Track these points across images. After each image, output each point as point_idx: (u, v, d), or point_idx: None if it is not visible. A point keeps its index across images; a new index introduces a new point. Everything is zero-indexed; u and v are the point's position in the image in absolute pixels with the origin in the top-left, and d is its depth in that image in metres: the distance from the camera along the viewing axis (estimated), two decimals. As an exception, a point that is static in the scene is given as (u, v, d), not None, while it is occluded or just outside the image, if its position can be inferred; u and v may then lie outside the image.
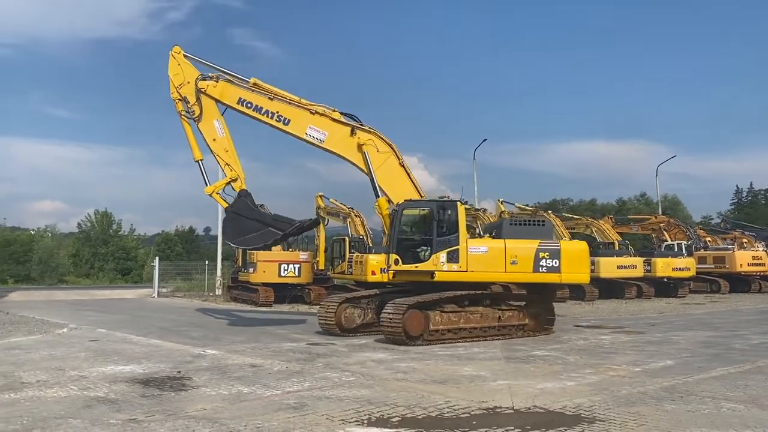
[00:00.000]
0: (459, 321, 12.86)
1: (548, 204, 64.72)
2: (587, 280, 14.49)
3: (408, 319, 12.03)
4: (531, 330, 13.87)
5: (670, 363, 9.91)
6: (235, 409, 6.71)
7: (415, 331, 12.12)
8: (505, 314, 13.60)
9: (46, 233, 56.18)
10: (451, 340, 12.57)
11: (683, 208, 70.61)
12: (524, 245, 13.43)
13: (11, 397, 7.28)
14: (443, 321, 12.65)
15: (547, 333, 13.93)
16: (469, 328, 12.95)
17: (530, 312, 14.01)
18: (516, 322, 13.76)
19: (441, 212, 13.24)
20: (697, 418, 6.30)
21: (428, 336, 12.31)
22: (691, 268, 29.91)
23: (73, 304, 24.56)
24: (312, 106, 14.14)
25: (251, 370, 9.22)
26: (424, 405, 6.88)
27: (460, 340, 12.66)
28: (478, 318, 13.12)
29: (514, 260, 13.22)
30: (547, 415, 6.50)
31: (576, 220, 35.76)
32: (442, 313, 12.66)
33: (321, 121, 14.04)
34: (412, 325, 12.08)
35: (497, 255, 13.24)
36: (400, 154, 13.67)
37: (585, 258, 13.87)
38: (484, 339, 12.94)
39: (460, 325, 12.84)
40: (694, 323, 16.95)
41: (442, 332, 12.59)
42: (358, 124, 14.09)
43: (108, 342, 12.55)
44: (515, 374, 8.93)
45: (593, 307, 23.58)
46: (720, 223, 49.94)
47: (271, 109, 14.17)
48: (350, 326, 13.68)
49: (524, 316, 13.93)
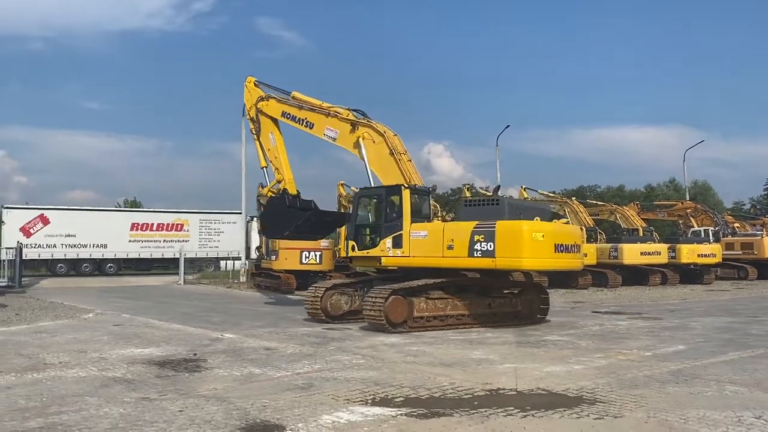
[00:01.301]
0: (446, 308, 12.49)
1: (575, 191, 64.24)
2: (523, 266, 12.27)
3: (390, 305, 11.75)
4: (524, 318, 13.47)
5: (682, 348, 9.90)
6: (245, 389, 6.93)
7: (397, 318, 11.84)
8: (496, 301, 13.22)
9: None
10: (437, 327, 12.25)
11: (713, 194, 69.47)
12: (460, 228, 12.39)
13: (34, 377, 7.61)
14: (428, 308, 12.29)
15: (540, 321, 13.57)
16: (456, 315, 12.59)
17: (524, 299, 13.63)
18: (508, 310, 13.35)
19: (388, 198, 13.42)
20: (697, 400, 6.35)
21: (412, 323, 12.04)
22: (717, 254, 29.50)
23: (102, 291, 25.21)
24: (328, 108, 15.41)
25: (265, 353, 9.46)
26: (429, 386, 7.02)
27: (447, 327, 12.32)
28: (467, 305, 12.73)
29: (450, 244, 12.27)
30: (548, 396, 6.59)
31: (600, 206, 35.50)
32: (428, 300, 12.32)
33: (333, 122, 15.22)
34: (394, 312, 11.80)
35: (435, 239, 12.51)
36: (394, 142, 14.04)
37: (519, 239, 11.70)
38: (473, 327, 12.53)
39: (447, 312, 12.49)
40: (714, 309, 16.80)
41: (428, 319, 12.26)
42: (362, 118, 14.74)
43: (131, 326, 12.93)
44: (523, 358, 9.02)
45: (615, 294, 23.46)
46: (750, 209, 49.02)
47: (300, 116, 16.00)
48: (337, 313, 13.53)
49: (517, 303, 13.51)
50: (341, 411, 5.91)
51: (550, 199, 33.55)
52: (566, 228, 13.46)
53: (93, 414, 5.78)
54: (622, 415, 5.74)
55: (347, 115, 14.91)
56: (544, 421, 5.60)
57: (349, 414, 5.81)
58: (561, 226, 13.30)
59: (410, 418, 5.70)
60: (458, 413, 5.84)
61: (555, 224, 12.94)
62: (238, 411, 5.89)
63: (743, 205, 63.67)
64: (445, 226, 12.92)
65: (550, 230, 12.29)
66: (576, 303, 19.28)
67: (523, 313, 13.51)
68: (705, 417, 5.65)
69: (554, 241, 12.11)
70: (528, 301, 13.67)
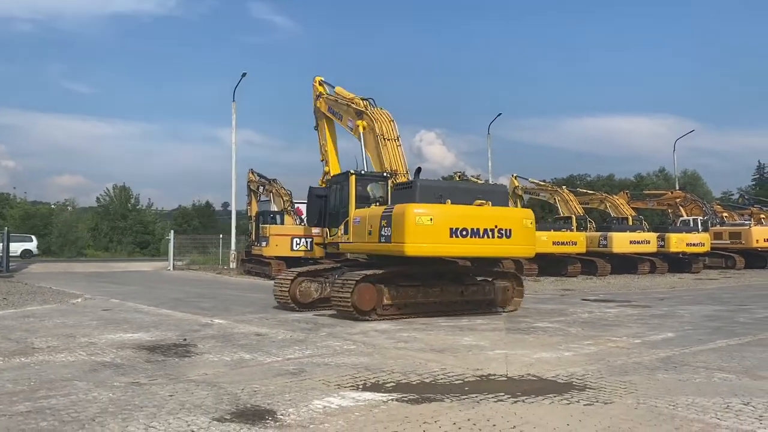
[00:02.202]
0: (416, 295, 12.23)
1: (565, 179, 64.40)
2: (406, 251, 11.28)
3: (358, 293, 11.47)
4: (498, 305, 13.30)
5: (671, 335, 9.96)
6: (235, 374, 6.91)
7: (366, 305, 11.57)
8: (469, 289, 12.98)
9: (66, 207, 57.11)
10: (408, 315, 12.03)
11: (703, 184, 69.92)
12: (375, 213, 12.17)
13: (21, 361, 7.55)
14: (399, 295, 12.03)
15: (514, 309, 13.38)
16: (428, 303, 12.35)
17: (497, 287, 13.35)
18: (481, 297, 13.10)
19: (345, 185, 13.61)
20: (686, 386, 6.38)
21: (381, 311, 11.80)
22: (705, 243, 29.73)
23: (90, 276, 25.08)
24: (351, 99, 16.22)
25: (256, 338, 9.44)
26: (420, 372, 7.02)
27: (418, 315, 12.10)
28: (438, 292, 12.47)
29: (370, 230, 12.14)
30: (539, 382, 6.61)
31: (590, 195, 35.64)
32: (398, 287, 12.05)
33: (351, 112, 15.84)
34: (362, 300, 11.52)
35: (363, 224, 12.51)
36: (382, 128, 14.46)
37: (402, 223, 11.15)
38: (445, 315, 12.32)
39: (418, 300, 12.24)
40: (702, 297, 16.94)
41: (398, 307, 12.03)
42: (366, 107, 15.20)
43: (120, 311, 12.86)
44: (514, 344, 9.05)
45: (604, 282, 23.61)
46: (738, 199, 49.38)
47: (336, 110, 17.12)
48: (306, 301, 13.24)
49: (490, 291, 13.23)
50: (332, 396, 5.90)
51: (541, 187, 33.64)
52: (476, 211, 11.78)
53: (82, 398, 5.73)
54: (611, 402, 5.76)
55: (357, 105, 15.45)
56: (535, 406, 5.62)
57: (340, 399, 5.79)
58: (465, 208, 11.74)
59: (401, 403, 5.69)
60: (449, 399, 5.84)
61: (453, 207, 11.63)
62: (229, 396, 5.86)
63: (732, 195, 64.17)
64: (368, 212, 12.66)
65: (441, 213, 11.43)
66: (566, 291, 19.37)
67: (497, 301, 13.30)
68: (694, 403, 5.68)
69: (449, 225, 11.33)
70: (502, 289, 13.39)
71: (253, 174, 29.57)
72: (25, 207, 54.36)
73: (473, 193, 12.15)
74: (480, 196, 12.05)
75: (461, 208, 11.74)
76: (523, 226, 11.97)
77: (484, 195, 12.11)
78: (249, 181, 29.76)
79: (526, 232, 12.02)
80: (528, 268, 25.77)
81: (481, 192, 12.37)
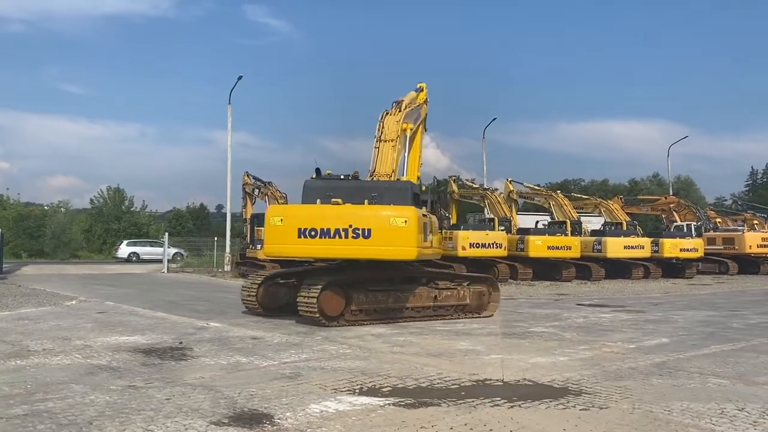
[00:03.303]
0: (387, 300, 11.84)
1: (559, 184, 64.57)
2: (264, 253, 12.18)
3: (324, 298, 11.07)
4: (472, 311, 12.95)
5: (665, 341, 10.01)
6: (232, 377, 6.91)
7: (333, 311, 11.19)
8: (442, 293, 12.58)
9: (60, 208, 56.77)
10: (378, 320, 11.64)
11: (696, 189, 70.27)
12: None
13: (17, 363, 7.54)
14: (368, 300, 11.62)
15: (489, 314, 13.04)
16: (399, 308, 12.00)
17: (473, 291, 13.00)
18: (455, 302, 12.75)
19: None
20: (681, 392, 6.43)
21: (350, 316, 11.41)
22: (699, 248, 29.85)
23: (84, 278, 24.99)
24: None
25: (251, 342, 9.44)
26: (416, 376, 7.05)
27: (389, 321, 11.74)
28: (410, 297, 12.12)
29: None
30: (534, 387, 6.65)
31: (585, 200, 35.71)
32: (368, 292, 11.63)
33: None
34: (329, 305, 11.14)
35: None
36: (381, 126, 14.02)
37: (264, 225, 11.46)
38: (417, 320, 12.07)
39: (389, 305, 11.87)
40: (696, 303, 17.01)
41: (367, 312, 11.64)
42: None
43: (115, 314, 12.83)
44: (509, 349, 9.08)
45: (598, 286, 23.66)
46: (731, 205, 49.63)
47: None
48: (274, 306, 12.82)
49: (465, 296, 12.85)
50: (329, 400, 5.91)
51: (536, 192, 33.68)
52: (329, 210, 11.27)
53: (79, 401, 5.73)
54: (607, 406, 5.80)
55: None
56: (531, 411, 5.65)
57: (336, 403, 5.81)
58: (316, 208, 11.42)
59: (398, 407, 5.72)
60: (446, 403, 5.87)
61: (303, 206, 11.63)
62: (226, 400, 5.87)
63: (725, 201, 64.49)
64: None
65: (291, 214, 11.51)
66: (560, 295, 19.42)
67: (472, 306, 12.97)
68: (689, 408, 5.72)
69: (297, 226, 11.14)
70: (477, 294, 13.07)
71: (248, 177, 29.56)
72: (18, 208, 54.07)
73: (367, 191, 11.54)
74: (374, 194, 11.44)
75: (312, 208, 11.43)
76: (389, 226, 10.83)
77: (380, 192, 11.53)
78: (244, 183, 29.75)
79: (394, 232, 10.80)
80: (522, 272, 25.84)
81: (376, 189, 11.71)
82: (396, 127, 13.91)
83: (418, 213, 11.16)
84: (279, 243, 11.34)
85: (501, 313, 14.03)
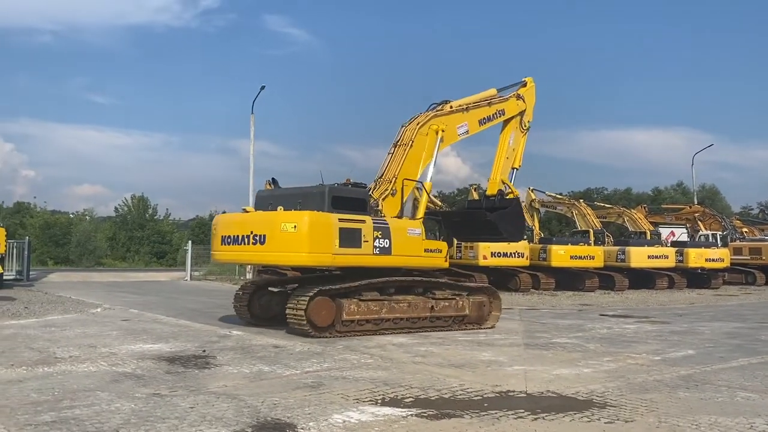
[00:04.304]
0: (381, 311, 11.47)
1: (582, 193, 64.01)
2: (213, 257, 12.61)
3: (314, 308, 10.71)
4: (472, 322, 12.61)
5: (691, 353, 9.87)
6: (255, 386, 6.95)
7: (323, 321, 10.83)
8: (440, 304, 12.20)
9: (85, 217, 57.63)
10: (371, 331, 11.33)
11: (722, 198, 69.08)
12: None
13: (45, 370, 7.65)
14: (360, 310, 11.25)
15: (490, 326, 12.69)
16: (393, 319, 11.63)
17: (473, 302, 12.64)
18: (453, 313, 12.39)
19: None
20: (708, 405, 6.32)
21: (341, 327, 11.06)
22: (725, 258, 29.42)
23: (109, 286, 25.30)
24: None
25: (274, 350, 9.48)
26: (438, 387, 7.02)
27: (382, 331, 11.44)
28: (405, 308, 11.76)
29: None
30: (558, 399, 6.58)
31: (608, 209, 35.41)
32: (360, 302, 11.29)
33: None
34: (318, 315, 10.77)
35: None
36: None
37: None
38: (413, 331, 11.77)
39: (382, 315, 11.49)
40: (722, 314, 16.74)
41: (359, 323, 11.27)
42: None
43: (139, 322, 12.97)
44: (532, 360, 9.01)
45: (622, 297, 23.41)
46: (758, 214, 48.81)
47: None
48: (266, 315, 12.58)
49: (464, 306, 12.50)
50: (351, 411, 5.92)
51: (558, 200, 33.49)
52: (241, 217, 11.96)
53: (105, 409, 5.80)
54: (633, 420, 5.73)
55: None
56: (555, 424, 5.59)
57: (359, 414, 5.81)
58: (235, 215, 12.21)
59: (420, 419, 5.70)
60: (469, 415, 5.84)
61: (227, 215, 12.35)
62: (249, 409, 5.90)
63: (751, 210, 63.38)
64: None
65: (219, 222, 12.34)
66: (583, 305, 19.24)
67: (472, 317, 12.60)
68: (716, 423, 5.63)
69: (221, 233, 11.84)
70: (477, 304, 12.69)
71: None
72: (44, 216, 54.96)
73: (295, 198, 11.61)
74: (299, 200, 11.45)
75: (228, 216, 12.41)
76: (280, 231, 10.84)
77: (303, 198, 11.49)
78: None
79: (285, 238, 10.81)
80: (545, 282, 25.63)
81: (301, 195, 11.66)
82: (411, 131, 13.41)
83: (318, 218, 10.94)
84: (214, 249, 12.19)
85: (523, 323, 13.97)
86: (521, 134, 17.02)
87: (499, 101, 16.05)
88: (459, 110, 14.64)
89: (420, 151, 13.44)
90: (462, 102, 14.87)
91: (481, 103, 15.34)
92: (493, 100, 15.85)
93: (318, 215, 11.03)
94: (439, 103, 14.42)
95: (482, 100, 15.48)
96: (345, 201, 11.63)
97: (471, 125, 15.01)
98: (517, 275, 25.23)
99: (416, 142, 13.35)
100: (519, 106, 16.65)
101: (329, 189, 11.62)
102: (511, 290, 24.77)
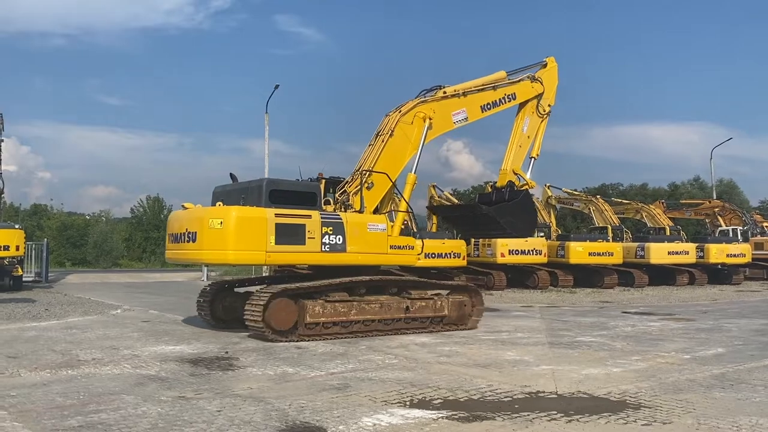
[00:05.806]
0: (349, 312, 10.77)
1: (597, 188, 63.45)
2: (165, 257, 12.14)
3: (272, 310, 10.04)
4: (452, 323, 11.91)
5: (721, 351, 9.66)
6: (280, 388, 6.86)
7: (282, 324, 10.15)
8: (416, 304, 11.54)
9: (101, 218, 58.02)
10: (338, 335, 10.62)
11: (740, 193, 68.21)
12: None
13: (69, 373, 7.60)
14: (326, 312, 10.55)
15: (471, 327, 12.00)
16: (363, 321, 10.92)
17: (452, 302, 11.95)
18: (431, 314, 11.70)
19: None
20: (747, 406, 6.15)
21: (304, 330, 10.35)
22: (746, 254, 29.03)
23: (126, 287, 25.39)
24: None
25: (296, 351, 9.39)
26: (467, 388, 6.89)
27: (352, 335, 10.76)
28: (377, 309, 11.06)
29: None
30: (591, 400, 6.43)
31: (626, 205, 35.08)
32: (326, 303, 10.62)
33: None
34: (277, 318, 10.10)
35: None
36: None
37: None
38: (385, 334, 11.06)
39: (351, 317, 10.78)
40: (748, 311, 16.46)
41: (325, 325, 10.55)
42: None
43: (159, 323, 12.95)
44: (559, 360, 8.85)
45: (642, 294, 23.12)
46: (778, 208, 48.11)
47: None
48: (230, 317, 11.94)
49: (443, 307, 11.80)
50: (380, 413, 5.80)
51: (575, 197, 33.20)
52: (182, 215, 11.38)
53: (131, 413, 5.73)
54: (670, 421, 5.57)
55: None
56: (590, 426, 5.45)
57: (389, 416, 5.70)
58: (179, 213, 11.56)
59: (452, 421, 5.58)
60: (500, 417, 5.70)
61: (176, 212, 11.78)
62: (277, 412, 5.81)
63: (769, 204, 62.50)
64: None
65: (170, 219, 11.83)
66: (604, 303, 19.01)
67: (452, 317, 11.90)
68: (758, 425, 5.45)
69: (168, 231, 11.50)
70: (457, 304, 11.96)
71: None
72: (61, 218, 55.39)
73: (239, 194, 11.05)
74: (243, 195, 10.92)
75: (173, 214, 11.96)
76: (208, 228, 10.30)
77: (246, 193, 10.96)
78: None
79: (212, 235, 10.29)
80: (563, 279, 25.39)
81: (243, 191, 11.13)
82: (393, 120, 12.74)
83: (247, 213, 10.41)
84: (166, 248, 11.77)
85: (545, 321, 13.80)
86: (539, 119, 16.06)
87: (507, 85, 15.16)
88: (454, 96, 13.84)
89: (402, 141, 12.75)
90: (459, 87, 14.10)
91: (485, 87, 14.50)
92: (499, 83, 14.95)
93: (248, 210, 10.47)
94: (430, 89, 13.61)
95: (486, 84, 14.60)
96: (288, 195, 11.00)
97: (471, 111, 14.12)
98: (535, 273, 25.02)
99: (397, 131, 12.68)
100: (535, 89, 15.62)
101: (267, 182, 11.17)
102: (530, 288, 24.58)
